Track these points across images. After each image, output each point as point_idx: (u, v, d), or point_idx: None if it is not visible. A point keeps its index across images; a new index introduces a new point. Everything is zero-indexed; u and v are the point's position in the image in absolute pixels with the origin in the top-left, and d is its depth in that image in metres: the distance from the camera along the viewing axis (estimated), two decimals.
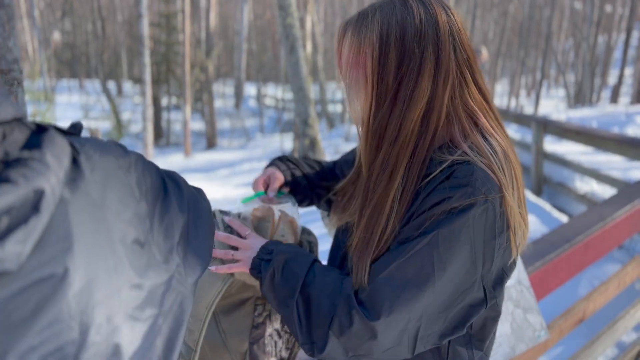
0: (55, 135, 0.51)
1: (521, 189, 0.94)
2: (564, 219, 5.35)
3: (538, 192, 6.57)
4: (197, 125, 19.64)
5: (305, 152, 4.65)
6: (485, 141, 0.92)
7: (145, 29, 10.59)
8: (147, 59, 10.74)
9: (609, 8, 20.79)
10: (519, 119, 7.43)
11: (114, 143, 0.59)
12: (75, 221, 0.49)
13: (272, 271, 0.97)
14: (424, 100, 0.89)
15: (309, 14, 13.87)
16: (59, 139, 0.51)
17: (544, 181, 6.53)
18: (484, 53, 6.53)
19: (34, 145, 0.48)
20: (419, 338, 0.87)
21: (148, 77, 10.87)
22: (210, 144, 16.79)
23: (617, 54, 23.58)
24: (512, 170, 0.91)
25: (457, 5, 15.30)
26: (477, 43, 20.10)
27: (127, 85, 25.16)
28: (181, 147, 15.90)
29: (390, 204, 0.90)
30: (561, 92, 23.97)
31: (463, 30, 0.93)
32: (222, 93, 23.42)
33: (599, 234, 2.18)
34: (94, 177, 0.52)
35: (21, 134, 0.49)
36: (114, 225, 0.53)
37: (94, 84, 24.06)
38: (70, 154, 0.51)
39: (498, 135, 0.94)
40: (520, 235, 0.91)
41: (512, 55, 23.83)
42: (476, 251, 0.85)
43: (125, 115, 18.80)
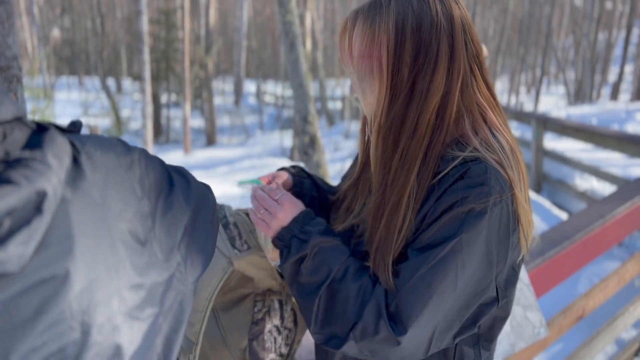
0: (55, 134, 0.50)
1: (526, 185, 0.93)
2: (563, 216, 5.36)
3: (538, 190, 6.57)
4: (197, 122, 19.61)
5: (305, 149, 4.65)
6: (494, 137, 0.91)
7: (145, 25, 10.57)
8: (147, 56, 10.71)
9: (609, 5, 20.76)
10: (519, 116, 7.43)
11: (116, 140, 0.59)
12: (76, 221, 0.49)
13: (304, 255, 0.93)
14: (440, 93, 0.88)
15: (309, 11, 13.85)
16: (60, 138, 0.51)
17: (544, 178, 6.54)
18: (484, 50, 6.51)
19: (34, 145, 0.48)
20: (434, 339, 0.86)
21: (147, 74, 10.85)
22: (210, 141, 16.78)
23: (617, 51, 23.55)
24: (519, 166, 0.91)
25: None
26: (478, 43, 20.00)
27: (127, 83, 25.12)
28: (181, 144, 15.88)
29: (407, 201, 0.88)
30: (561, 89, 23.94)
31: (472, 25, 0.93)
32: (222, 90, 23.38)
33: (598, 231, 2.18)
34: (95, 177, 0.52)
35: (22, 133, 0.49)
36: (114, 225, 0.52)
37: (93, 81, 24.03)
38: (71, 154, 0.51)
39: (505, 131, 0.94)
40: (529, 232, 0.91)
41: (512, 53, 23.80)
42: (492, 251, 0.84)
43: (124, 113, 18.79)
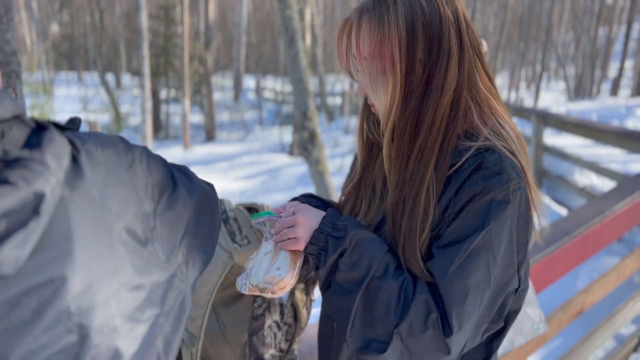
0: (54, 134, 0.50)
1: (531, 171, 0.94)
2: (563, 212, 5.36)
3: (537, 185, 6.50)
4: (196, 117, 19.59)
5: (304, 145, 4.64)
6: (500, 126, 0.92)
7: (144, 21, 10.54)
8: (146, 51, 10.69)
9: (609, 0, 20.70)
10: (519, 111, 7.42)
11: (117, 138, 0.58)
12: (76, 222, 0.48)
13: (343, 250, 0.88)
14: (453, 86, 0.88)
15: (308, 6, 13.80)
16: (59, 137, 0.50)
17: (544, 174, 6.53)
18: (484, 46, 6.50)
19: (33, 144, 0.47)
20: (470, 337, 0.85)
21: (147, 70, 10.83)
22: (209, 137, 16.76)
23: (618, 47, 23.50)
24: (525, 152, 0.92)
25: None
26: (477, 36, 19.97)
27: (126, 78, 25.07)
28: (180, 140, 15.87)
29: (426, 194, 0.87)
30: (561, 85, 23.91)
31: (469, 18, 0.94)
32: (221, 85, 23.33)
33: (598, 227, 2.18)
34: (95, 176, 0.51)
35: (20, 132, 0.48)
36: (114, 226, 0.52)
37: (92, 77, 23.97)
38: (70, 154, 0.50)
39: (508, 119, 0.95)
40: (540, 217, 0.92)
41: (512, 48, 23.75)
42: (514, 238, 0.85)
43: (124, 108, 18.75)
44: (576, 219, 2.18)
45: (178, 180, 0.62)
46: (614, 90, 15.93)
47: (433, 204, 0.87)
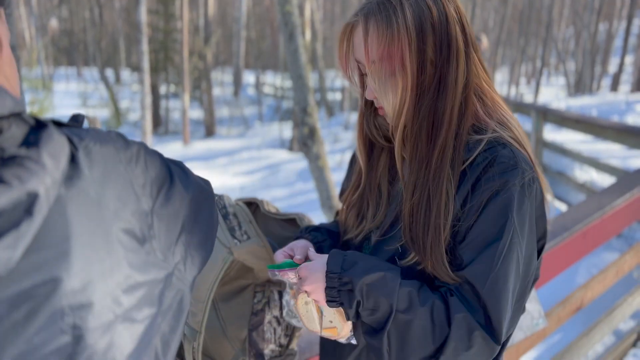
0: (53, 132, 0.49)
1: None
2: (563, 207, 5.37)
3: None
4: (196, 113, 19.57)
5: (304, 141, 4.64)
6: (503, 116, 0.95)
7: (143, 16, 10.51)
8: (145, 46, 10.66)
9: None
10: (519, 107, 7.40)
11: (115, 134, 0.57)
12: (73, 222, 0.47)
13: (358, 301, 0.88)
14: (464, 81, 0.90)
15: (308, 1, 13.76)
16: (57, 136, 0.49)
17: (543, 170, 6.53)
18: (484, 41, 6.48)
19: (31, 142, 0.47)
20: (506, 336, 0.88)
21: (146, 65, 10.81)
22: (209, 132, 16.75)
23: (618, 42, 23.45)
24: (528, 141, 0.95)
25: None
26: (478, 31, 19.97)
27: (125, 73, 25.03)
28: (180, 136, 15.86)
29: (446, 191, 0.88)
30: (561, 81, 23.88)
31: None
32: (221, 81, 23.29)
33: (598, 222, 2.18)
34: (93, 174, 0.51)
35: (19, 129, 0.48)
36: (112, 225, 0.51)
37: (91, 72, 23.94)
38: (68, 153, 0.49)
39: (509, 110, 0.97)
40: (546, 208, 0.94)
41: (512, 44, 23.71)
42: (533, 231, 0.87)
43: (123, 104, 18.75)
44: (576, 215, 2.18)
45: (175, 176, 0.61)
46: (614, 86, 15.91)
47: (452, 199, 0.88)
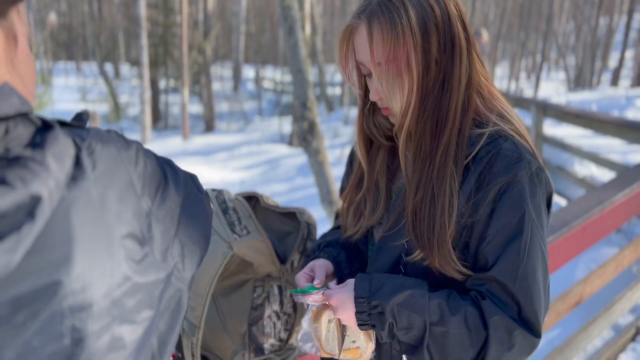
0: (59, 133, 0.48)
1: None
2: (562, 202, 5.37)
3: None
4: (195, 108, 19.54)
5: (304, 135, 4.63)
6: (503, 109, 0.96)
7: (142, 10, 10.48)
8: (145, 40, 10.64)
9: None
10: (519, 101, 7.39)
11: (115, 133, 0.57)
12: (75, 224, 0.47)
13: (390, 323, 0.90)
14: (466, 78, 0.91)
15: None
16: (63, 137, 0.49)
17: (543, 164, 6.53)
18: (485, 35, 6.47)
19: (36, 143, 0.46)
20: None
21: (145, 60, 10.79)
22: (209, 127, 16.73)
23: (618, 37, 23.40)
24: (527, 133, 0.96)
25: None
26: (478, 25, 19.92)
27: (125, 68, 24.95)
28: (179, 130, 15.84)
29: (450, 186, 0.89)
30: (561, 75, 23.83)
31: None
32: (220, 75, 23.24)
33: (597, 217, 2.18)
34: (95, 175, 0.50)
35: (25, 130, 0.47)
36: (113, 227, 0.51)
37: (91, 66, 23.88)
38: (73, 154, 0.49)
39: (507, 103, 0.99)
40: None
41: (513, 38, 23.64)
42: (545, 218, 0.90)
43: (122, 98, 18.70)
44: (575, 210, 2.18)
45: (168, 175, 0.61)
46: (614, 81, 15.89)
47: (456, 195, 0.89)
